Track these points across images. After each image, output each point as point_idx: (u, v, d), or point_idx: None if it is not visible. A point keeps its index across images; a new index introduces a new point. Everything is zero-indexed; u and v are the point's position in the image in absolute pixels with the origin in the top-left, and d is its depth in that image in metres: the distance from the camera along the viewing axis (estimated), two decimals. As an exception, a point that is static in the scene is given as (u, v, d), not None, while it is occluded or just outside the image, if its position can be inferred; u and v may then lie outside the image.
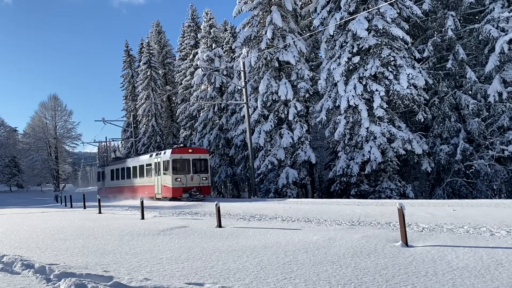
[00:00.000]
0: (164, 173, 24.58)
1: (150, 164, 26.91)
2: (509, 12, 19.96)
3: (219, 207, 10.17)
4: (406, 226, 6.83)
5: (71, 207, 25.92)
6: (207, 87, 36.62)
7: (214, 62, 35.15)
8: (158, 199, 25.38)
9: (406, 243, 6.39)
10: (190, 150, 24.91)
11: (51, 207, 27.44)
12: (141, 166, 28.48)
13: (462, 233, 7.62)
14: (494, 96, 19.98)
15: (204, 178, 24.62)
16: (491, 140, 20.44)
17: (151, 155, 27.32)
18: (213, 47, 36.40)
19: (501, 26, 20.00)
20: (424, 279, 4.51)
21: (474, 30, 21.55)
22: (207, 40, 37.23)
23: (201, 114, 37.38)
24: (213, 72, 33.15)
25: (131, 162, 30.93)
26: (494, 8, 20.69)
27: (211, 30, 37.21)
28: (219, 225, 9.90)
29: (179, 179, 23.81)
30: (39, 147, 61.69)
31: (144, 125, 49.01)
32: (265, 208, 14.86)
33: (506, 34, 19.54)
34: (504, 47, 19.44)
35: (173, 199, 23.73)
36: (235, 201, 22.41)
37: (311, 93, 26.17)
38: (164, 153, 25.10)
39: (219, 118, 36.30)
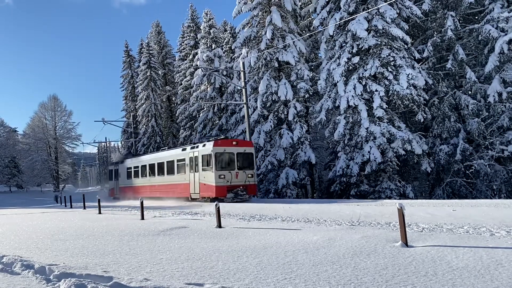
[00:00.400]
0: (203, 169, 21.19)
1: (183, 159, 23.27)
2: (508, 12, 19.98)
3: (218, 207, 10.16)
4: (406, 226, 6.82)
5: (71, 207, 25.90)
6: (207, 88, 36.66)
7: (213, 62, 35.17)
8: (194, 199, 22.13)
9: (406, 243, 6.38)
10: (234, 143, 21.73)
11: (51, 208, 27.42)
12: (170, 162, 24.71)
13: (462, 233, 7.61)
14: (493, 96, 20.02)
15: (250, 175, 21.29)
16: (491, 140, 20.46)
17: (183, 149, 23.79)
18: (212, 47, 36.45)
19: (500, 26, 20.03)
20: (424, 279, 4.51)
21: (474, 30, 21.57)
22: (206, 41, 37.28)
23: (201, 115, 37.41)
24: (213, 72, 33.12)
25: (156, 158, 27.15)
26: (493, 8, 20.72)
27: (211, 31, 37.25)
28: (219, 226, 9.89)
29: (223, 176, 20.40)
30: (39, 147, 61.61)
31: (144, 126, 49.02)
32: (265, 208, 14.85)
33: (506, 34, 19.58)
34: (504, 47, 19.47)
35: (215, 199, 20.04)
36: (235, 201, 22.32)
37: (311, 93, 26.20)
38: (204, 145, 21.68)
39: (219, 118, 36.33)
